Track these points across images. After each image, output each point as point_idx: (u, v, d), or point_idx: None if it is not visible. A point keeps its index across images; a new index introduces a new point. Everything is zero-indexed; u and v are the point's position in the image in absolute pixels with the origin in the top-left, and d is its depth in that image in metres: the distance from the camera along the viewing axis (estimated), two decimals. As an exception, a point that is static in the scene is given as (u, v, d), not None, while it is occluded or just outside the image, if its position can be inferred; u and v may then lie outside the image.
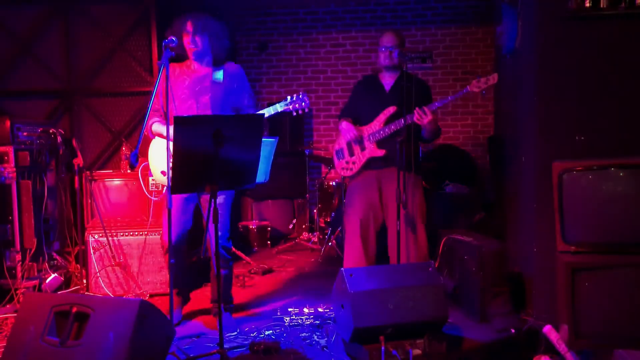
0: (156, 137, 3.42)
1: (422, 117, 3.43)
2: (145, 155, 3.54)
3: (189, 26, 3.30)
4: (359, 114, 3.79)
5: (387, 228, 3.65)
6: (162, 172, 3.35)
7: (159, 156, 3.39)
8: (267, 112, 3.31)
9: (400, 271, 3.05)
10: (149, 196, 3.54)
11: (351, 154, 3.73)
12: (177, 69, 3.44)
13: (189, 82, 3.38)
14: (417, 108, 3.42)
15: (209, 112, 3.35)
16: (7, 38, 4.82)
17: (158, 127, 3.37)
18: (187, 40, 3.31)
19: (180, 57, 3.39)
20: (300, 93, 3.35)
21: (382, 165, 3.65)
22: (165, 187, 3.37)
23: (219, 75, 3.40)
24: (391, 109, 3.60)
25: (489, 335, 3.22)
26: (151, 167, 3.45)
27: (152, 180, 3.77)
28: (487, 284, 3.46)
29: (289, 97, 3.34)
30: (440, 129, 3.68)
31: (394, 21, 6.51)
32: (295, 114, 3.36)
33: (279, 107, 3.33)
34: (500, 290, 3.49)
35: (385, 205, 3.66)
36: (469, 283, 3.58)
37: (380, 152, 3.63)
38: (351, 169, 3.74)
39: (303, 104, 3.33)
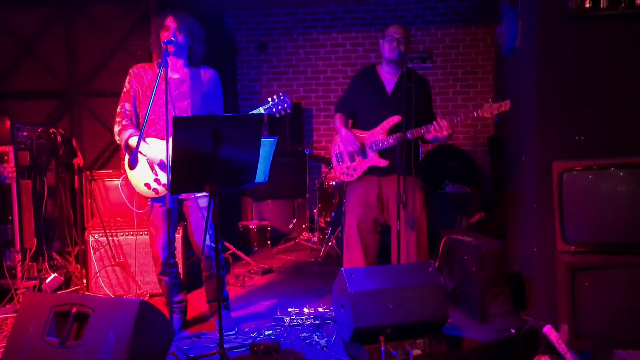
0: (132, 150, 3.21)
1: (439, 131, 3.34)
2: (123, 166, 3.38)
3: (170, 21, 3.16)
4: (357, 112, 3.71)
5: (391, 230, 3.62)
6: (147, 185, 3.24)
7: (139, 169, 3.23)
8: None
9: (400, 271, 3.05)
10: (133, 208, 3.49)
11: (352, 159, 3.65)
12: (150, 70, 3.28)
13: (164, 86, 3.14)
14: (435, 122, 3.35)
15: None
16: (8, 39, 4.81)
17: (134, 141, 3.15)
18: (165, 35, 3.15)
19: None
20: (281, 94, 3.26)
21: (383, 173, 3.57)
22: (150, 200, 3.31)
23: (197, 79, 3.28)
24: (395, 119, 3.50)
25: (489, 335, 3.22)
26: (132, 181, 3.29)
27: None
28: (487, 284, 3.46)
29: (270, 100, 3.25)
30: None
31: (393, 21, 6.50)
32: (278, 115, 3.28)
33: (262, 111, 3.24)
34: (500, 290, 3.49)
35: (387, 210, 3.63)
36: (469, 283, 3.57)
37: (384, 163, 3.54)
38: (351, 175, 3.67)
39: (285, 105, 3.25)
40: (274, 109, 3.25)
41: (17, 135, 3.97)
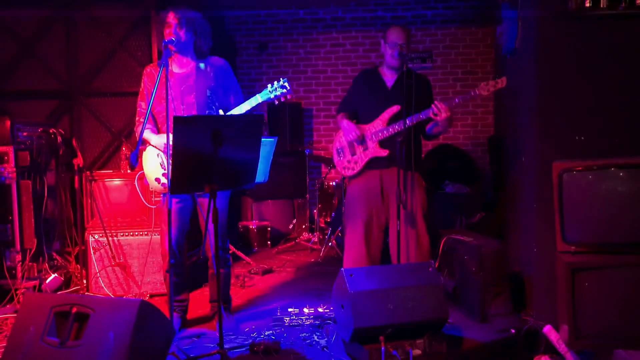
0: (148, 145, 3.33)
1: (439, 114, 3.33)
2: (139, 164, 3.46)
3: (171, 18, 3.18)
4: (358, 109, 3.72)
5: (389, 228, 3.62)
6: (157, 180, 3.28)
7: (152, 164, 3.31)
8: (249, 104, 3.20)
9: (400, 271, 3.05)
10: (147, 204, 3.50)
11: (353, 153, 3.67)
12: (158, 68, 3.27)
13: (172, 82, 3.25)
14: (433, 104, 3.34)
15: (194, 112, 3.25)
16: (8, 39, 4.82)
17: (148, 134, 3.27)
18: (167, 32, 3.17)
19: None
20: (281, 79, 3.20)
21: (384, 165, 3.57)
22: (162, 194, 3.34)
23: (203, 72, 3.29)
24: (395, 108, 3.51)
25: (489, 336, 3.22)
26: (146, 175, 3.36)
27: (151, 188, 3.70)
28: (487, 284, 3.46)
29: (269, 85, 3.20)
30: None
31: (394, 21, 6.52)
32: (277, 102, 3.23)
33: (259, 98, 3.20)
34: (500, 290, 3.49)
35: (387, 205, 3.63)
36: (469, 283, 3.57)
37: (384, 152, 3.55)
38: (353, 169, 3.67)
39: (285, 90, 3.20)
40: (272, 95, 3.21)
41: (17, 135, 3.97)
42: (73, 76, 4.85)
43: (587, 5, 3.08)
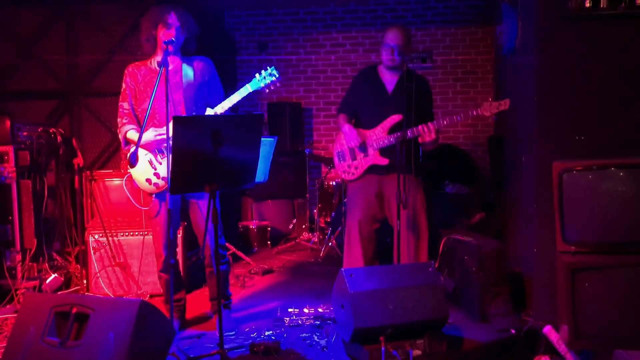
0: (132, 146, 3.24)
1: (425, 134, 3.40)
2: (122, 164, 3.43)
3: (173, 19, 3.17)
4: (358, 112, 3.75)
5: (394, 230, 3.63)
6: (148, 180, 3.25)
7: (141, 165, 3.25)
8: (239, 94, 3.19)
9: (400, 271, 3.05)
10: (139, 207, 3.49)
11: (353, 158, 3.68)
12: (143, 67, 3.31)
13: (165, 86, 3.20)
14: (420, 126, 3.39)
15: (181, 108, 3.24)
16: (8, 39, 4.81)
17: (133, 134, 3.23)
18: (163, 33, 3.17)
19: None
20: (268, 67, 3.21)
21: (384, 171, 3.60)
22: (154, 195, 3.31)
23: (189, 69, 3.30)
24: (396, 118, 3.52)
25: (489, 336, 3.22)
26: (135, 177, 3.30)
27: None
28: (487, 284, 3.45)
29: (257, 75, 3.21)
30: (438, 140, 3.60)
31: (394, 21, 6.51)
32: (267, 90, 3.24)
33: (249, 87, 3.20)
34: (500, 290, 3.49)
35: (388, 209, 3.65)
36: (469, 283, 3.57)
37: (384, 161, 3.57)
38: (353, 174, 3.69)
39: (274, 78, 3.21)
40: (262, 84, 3.22)
41: (17, 135, 3.97)
42: (73, 76, 4.84)
43: (587, 5, 3.08)
